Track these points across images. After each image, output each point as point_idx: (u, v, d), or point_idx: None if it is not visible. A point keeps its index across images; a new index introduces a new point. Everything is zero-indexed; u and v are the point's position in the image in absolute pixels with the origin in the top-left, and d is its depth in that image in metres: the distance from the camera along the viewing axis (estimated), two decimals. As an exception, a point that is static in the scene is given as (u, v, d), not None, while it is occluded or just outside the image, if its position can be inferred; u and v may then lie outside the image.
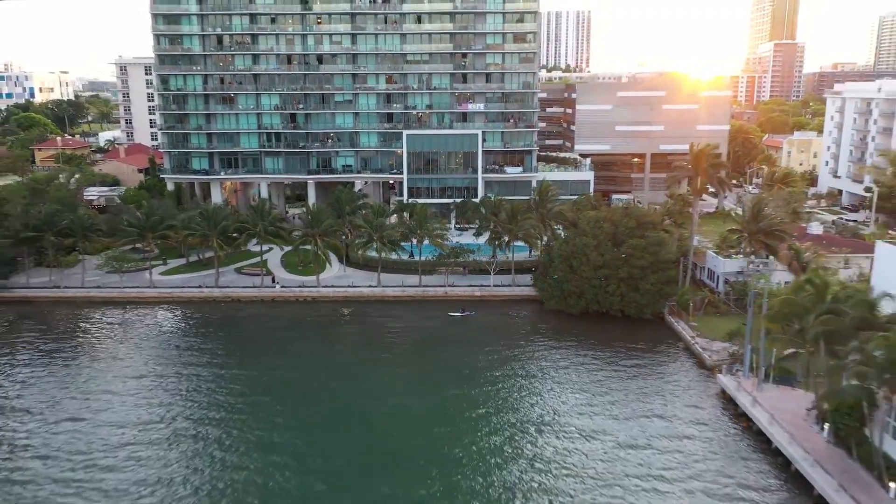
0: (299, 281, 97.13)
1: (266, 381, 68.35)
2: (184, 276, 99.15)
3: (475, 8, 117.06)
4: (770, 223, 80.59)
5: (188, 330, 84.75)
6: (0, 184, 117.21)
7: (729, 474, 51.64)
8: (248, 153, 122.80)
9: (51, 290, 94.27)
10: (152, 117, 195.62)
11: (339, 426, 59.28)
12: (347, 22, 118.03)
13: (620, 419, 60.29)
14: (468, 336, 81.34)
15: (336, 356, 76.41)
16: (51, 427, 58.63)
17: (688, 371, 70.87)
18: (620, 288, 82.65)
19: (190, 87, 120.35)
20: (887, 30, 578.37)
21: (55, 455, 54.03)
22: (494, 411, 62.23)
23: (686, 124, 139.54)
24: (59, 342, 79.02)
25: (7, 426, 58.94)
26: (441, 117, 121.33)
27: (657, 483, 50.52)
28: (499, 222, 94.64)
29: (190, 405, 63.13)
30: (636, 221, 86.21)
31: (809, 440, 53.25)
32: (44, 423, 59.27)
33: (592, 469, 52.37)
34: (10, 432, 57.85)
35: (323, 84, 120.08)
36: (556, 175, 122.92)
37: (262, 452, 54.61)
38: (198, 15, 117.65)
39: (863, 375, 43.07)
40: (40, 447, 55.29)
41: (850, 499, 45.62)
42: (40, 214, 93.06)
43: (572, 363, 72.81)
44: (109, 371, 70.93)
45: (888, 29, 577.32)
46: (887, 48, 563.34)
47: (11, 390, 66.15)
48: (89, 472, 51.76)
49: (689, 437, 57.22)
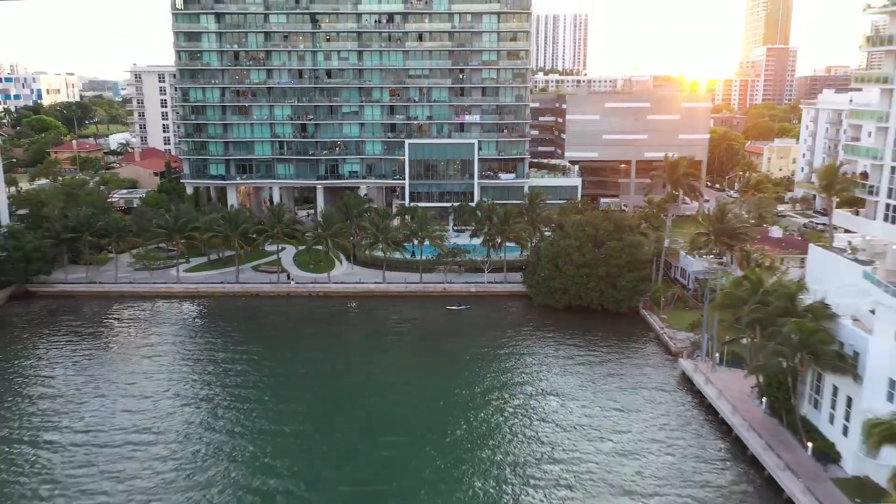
0: (312, 278, 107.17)
1: (284, 364, 78.50)
2: (206, 273, 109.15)
3: (472, 27, 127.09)
4: (732, 227, 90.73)
5: (212, 321, 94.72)
6: (34, 187, 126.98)
7: (679, 436, 61.96)
8: (261, 160, 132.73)
9: (87, 285, 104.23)
10: (165, 122, 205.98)
11: (350, 400, 69.40)
12: (354, 40, 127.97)
13: (595, 393, 70.70)
14: (464, 327, 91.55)
15: (346, 343, 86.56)
16: (86, 399, 68.76)
17: (656, 357, 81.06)
18: (600, 285, 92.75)
19: (208, 98, 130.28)
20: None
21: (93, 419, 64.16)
22: (487, 386, 72.47)
23: (668, 133, 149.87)
24: (97, 329, 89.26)
25: (51, 399, 69.01)
26: (440, 127, 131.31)
27: (620, 436, 61.53)
28: (492, 225, 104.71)
29: (218, 383, 73.26)
30: (615, 225, 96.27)
31: (749, 411, 63.44)
32: (81, 396, 69.35)
33: (568, 423, 63.55)
34: (53, 404, 67.93)
35: (331, 96, 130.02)
36: (546, 181, 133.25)
37: (287, 420, 64.66)
38: (216, 33, 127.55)
39: (779, 353, 53.21)
40: (78, 416, 65.35)
41: (776, 456, 55.74)
42: (79, 217, 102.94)
43: (556, 350, 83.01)
44: (141, 352, 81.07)
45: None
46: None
47: (56, 370, 76.18)
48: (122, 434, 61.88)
49: (651, 407, 67.53)
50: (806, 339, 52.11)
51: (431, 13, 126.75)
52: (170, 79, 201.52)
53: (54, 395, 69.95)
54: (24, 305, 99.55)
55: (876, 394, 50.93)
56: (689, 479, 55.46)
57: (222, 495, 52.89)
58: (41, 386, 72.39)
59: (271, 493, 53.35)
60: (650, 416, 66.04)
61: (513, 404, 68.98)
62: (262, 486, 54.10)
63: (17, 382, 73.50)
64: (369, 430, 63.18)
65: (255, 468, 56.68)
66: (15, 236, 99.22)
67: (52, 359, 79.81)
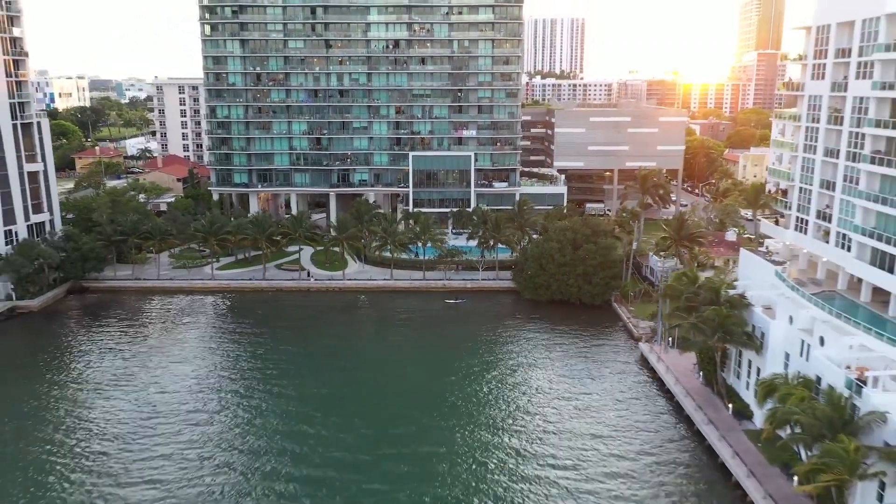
0: (328, 275, 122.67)
1: (308, 345, 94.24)
2: (236, 270, 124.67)
3: (469, 52, 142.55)
4: (690, 231, 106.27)
5: (244, 312, 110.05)
6: (81, 195, 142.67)
7: (634, 400, 77.64)
8: (280, 170, 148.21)
9: (133, 281, 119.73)
10: (185, 131, 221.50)
11: (364, 377, 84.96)
12: (364, 63, 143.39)
13: (569, 367, 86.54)
14: (461, 317, 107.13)
15: (360, 330, 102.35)
16: (139, 376, 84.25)
17: (622, 341, 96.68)
18: (578, 281, 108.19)
19: (233, 115, 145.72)
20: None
21: (141, 393, 79.80)
22: (480, 362, 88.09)
23: (648, 145, 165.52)
24: (145, 319, 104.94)
25: (106, 378, 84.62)
26: (440, 141, 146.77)
27: (588, 397, 77.75)
28: (486, 229, 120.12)
29: (253, 361, 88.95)
30: (591, 230, 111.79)
31: (689, 382, 79.01)
32: (133, 374, 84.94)
33: (545, 388, 79.68)
34: (107, 382, 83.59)
35: (343, 113, 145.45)
36: (535, 189, 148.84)
37: (314, 385, 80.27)
38: (241, 57, 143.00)
39: (702, 332, 68.80)
40: (132, 388, 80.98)
41: (703, 414, 71.33)
42: (126, 222, 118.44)
43: (539, 336, 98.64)
44: (184, 337, 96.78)
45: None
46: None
47: (114, 352, 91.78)
48: (174, 404, 77.47)
49: (614, 378, 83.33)
50: (721, 322, 67.70)
51: (433, 39, 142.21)
52: (189, 90, 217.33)
53: (112, 369, 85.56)
54: (79, 299, 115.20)
55: (775, 364, 66.42)
56: (640, 429, 71.23)
57: (271, 440, 68.41)
58: (95, 366, 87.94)
59: (308, 435, 69.10)
60: (612, 385, 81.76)
61: (501, 375, 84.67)
62: (301, 430, 69.80)
63: (80, 360, 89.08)
64: (381, 395, 78.83)
65: (293, 420, 72.21)
66: (73, 239, 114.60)
67: (107, 342, 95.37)
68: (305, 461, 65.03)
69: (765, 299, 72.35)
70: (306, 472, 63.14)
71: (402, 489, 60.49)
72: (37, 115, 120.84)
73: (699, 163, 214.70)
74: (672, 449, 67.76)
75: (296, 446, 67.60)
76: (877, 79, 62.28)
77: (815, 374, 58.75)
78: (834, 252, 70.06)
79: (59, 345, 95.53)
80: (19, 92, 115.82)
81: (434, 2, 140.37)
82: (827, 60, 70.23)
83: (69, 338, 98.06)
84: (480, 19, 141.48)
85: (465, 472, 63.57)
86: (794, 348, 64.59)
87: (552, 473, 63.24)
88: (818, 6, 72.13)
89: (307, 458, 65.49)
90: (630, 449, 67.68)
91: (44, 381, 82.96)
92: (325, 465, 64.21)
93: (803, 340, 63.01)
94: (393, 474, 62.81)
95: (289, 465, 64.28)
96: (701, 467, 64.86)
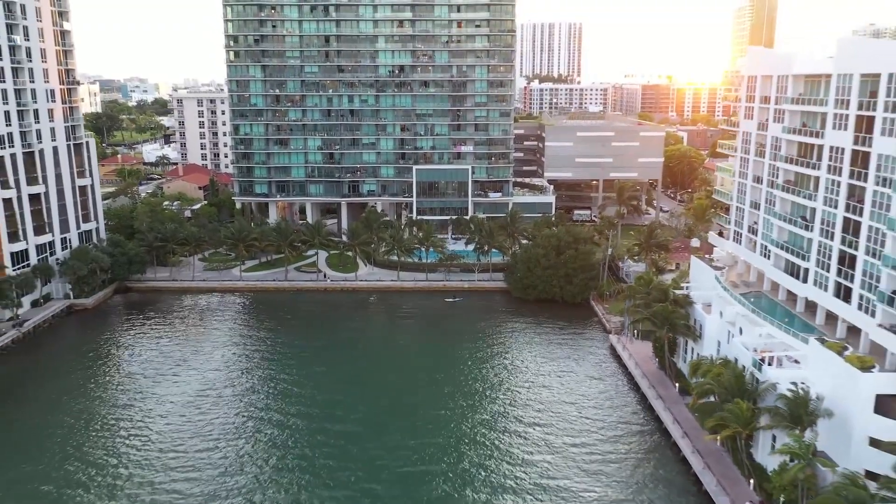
0: (342, 276, 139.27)
1: (325, 336, 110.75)
2: (261, 272, 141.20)
3: (467, 77, 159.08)
4: (657, 239, 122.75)
5: (268, 308, 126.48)
6: (119, 205, 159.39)
7: (601, 380, 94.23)
8: (296, 181, 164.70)
9: (170, 282, 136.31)
10: (203, 141, 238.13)
11: (374, 364, 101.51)
12: (372, 86, 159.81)
13: (550, 353, 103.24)
14: (459, 313, 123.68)
15: (371, 323, 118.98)
16: (177, 363, 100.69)
17: (596, 334, 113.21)
18: (560, 282, 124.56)
19: (255, 132, 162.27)
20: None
21: (179, 378, 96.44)
22: (474, 350, 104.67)
23: (629, 157, 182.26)
24: (184, 314, 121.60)
25: (155, 362, 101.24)
26: (441, 156, 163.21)
27: (566, 376, 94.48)
28: (482, 236, 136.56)
29: (277, 350, 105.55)
30: (573, 238, 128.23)
31: (646, 367, 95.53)
32: (173, 361, 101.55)
33: (530, 370, 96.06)
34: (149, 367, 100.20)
35: (353, 131, 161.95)
36: (526, 198, 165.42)
37: (333, 368, 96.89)
38: (262, 80, 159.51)
39: (652, 324, 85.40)
40: (172, 374, 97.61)
41: (654, 391, 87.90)
42: (165, 230, 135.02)
43: (526, 329, 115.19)
44: (217, 330, 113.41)
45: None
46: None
47: (158, 341, 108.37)
48: (206, 385, 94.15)
49: (587, 363, 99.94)
50: (667, 316, 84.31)
51: (434, 65, 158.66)
52: (207, 104, 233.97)
53: (159, 355, 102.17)
54: (125, 297, 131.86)
55: (710, 349, 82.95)
56: (605, 400, 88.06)
57: (310, 406, 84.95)
58: (145, 353, 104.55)
59: (337, 402, 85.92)
60: (586, 368, 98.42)
61: (492, 360, 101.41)
62: (332, 399, 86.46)
63: (131, 348, 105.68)
64: (392, 374, 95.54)
65: (326, 391, 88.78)
66: (119, 245, 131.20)
67: (153, 334, 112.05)
68: (338, 419, 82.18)
69: (705, 298, 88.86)
70: (339, 428, 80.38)
71: (413, 439, 77.26)
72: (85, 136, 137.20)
73: (682, 171, 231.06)
74: (628, 418, 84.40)
75: (330, 410, 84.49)
76: (786, 124, 78.80)
77: (734, 356, 75.29)
78: (759, 260, 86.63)
79: (113, 336, 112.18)
80: (72, 116, 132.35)
81: (435, 31, 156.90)
82: (754, 105, 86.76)
83: (120, 331, 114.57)
84: (477, 47, 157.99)
85: (464, 428, 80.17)
86: (723, 337, 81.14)
87: (535, 428, 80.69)
88: (748, 61, 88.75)
89: (339, 418, 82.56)
90: (597, 414, 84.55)
91: (103, 366, 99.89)
92: (352, 423, 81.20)
93: (728, 330, 79.58)
94: (405, 430, 79.53)
95: (328, 422, 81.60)
96: (650, 431, 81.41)
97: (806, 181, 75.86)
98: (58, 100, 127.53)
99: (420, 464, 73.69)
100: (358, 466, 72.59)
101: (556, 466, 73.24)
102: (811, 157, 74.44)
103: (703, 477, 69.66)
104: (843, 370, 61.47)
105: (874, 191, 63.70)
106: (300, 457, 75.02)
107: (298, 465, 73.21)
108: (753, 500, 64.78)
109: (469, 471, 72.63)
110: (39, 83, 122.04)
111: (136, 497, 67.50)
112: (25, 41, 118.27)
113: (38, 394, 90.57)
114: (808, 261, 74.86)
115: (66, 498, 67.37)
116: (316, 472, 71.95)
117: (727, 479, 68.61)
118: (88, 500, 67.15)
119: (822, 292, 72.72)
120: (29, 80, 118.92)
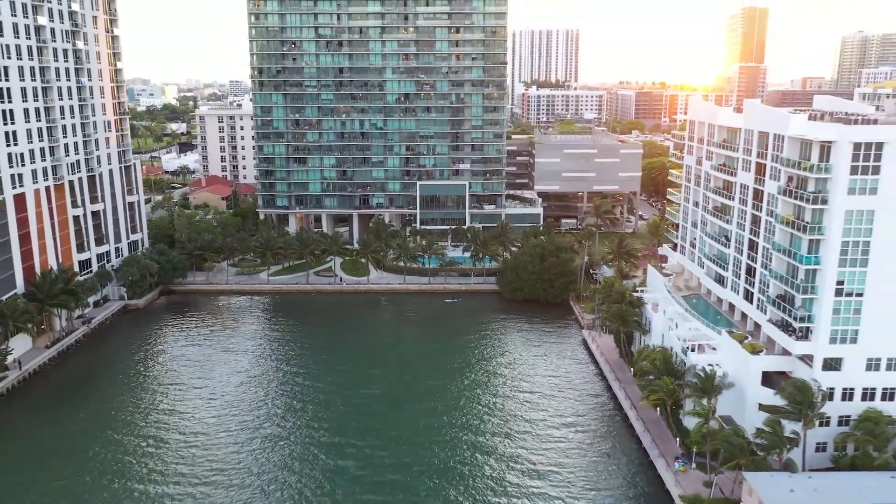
0: (356, 280, 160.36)
1: (342, 332, 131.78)
2: (285, 276, 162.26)
3: (464, 103, 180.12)
4: (627, 247, 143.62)
5: (292, 308, 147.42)
6: (157, 217, 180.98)
7: (574, 366, 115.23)
8: (313, 195, 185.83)
9: (207, 285, 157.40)
10: (223, 154, 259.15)
11: (386, 354, 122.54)
12: (381, 110, 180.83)
13: (533, 344, 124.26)
14: (457, 312, 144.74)
15: (380, 322, 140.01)
16: (214, 356, 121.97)
17: (573, 329, 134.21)
18: (544, 285, 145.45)
19: (277, 152, 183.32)
20: (848, 49, 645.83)
21: (214, 371, 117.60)
22: (469, 344, 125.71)
23: (611, 172, 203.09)
24: (219, 313, 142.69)
25: (199, 355, 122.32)
26: (442, 172, 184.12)
27: (545, 363, 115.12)
28: (477, 244, 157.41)
29: (300, 343, 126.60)
30: (555, 247, 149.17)
31: (610, 356, 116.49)
32: (210, 355, 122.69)
33: (515, 360, 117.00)
34: (191, 356, 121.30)
35: (364, 151, 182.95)
36: (517, 210, 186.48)
37: (348, 358, 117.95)
38: (283, 106, 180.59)
39: (610, 321, 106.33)
40: (209, 367, 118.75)
41: (614, 374, 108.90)
42: (203, 240, 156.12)
43: (514, 325, 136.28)
44: (249, 326, 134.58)
45: (849, 48, 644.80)
46: (848, 66, 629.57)
47: (199, 336, 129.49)
48: (237, 374, 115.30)
49: (563, 353, 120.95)
50: (622, 314, 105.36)
51: (436, 93, 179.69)
52: (227, 120, 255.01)
53: (202, 348, 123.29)
54: (169, 299, 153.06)
55: (655, 340, 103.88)
56: (576, 381, 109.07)
57: (329, 391, 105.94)
58: (190, 346, 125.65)
59: (346, 385, 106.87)
60: (561, 358, 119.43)
61: (485, 350, 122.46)
62: (350, 384, 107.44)
63: (178, 342, 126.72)
64: (399, 363, 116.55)
65: (344, 378, 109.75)
66: (164, 253, 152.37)
67: (196, 329, 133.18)
68: (352, 401, 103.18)
69: (655, 299, 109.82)
70: (354, 403, 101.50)
71: (420, 418, 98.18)
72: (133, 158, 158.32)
73: (662, 181, 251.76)
74: (593, 392, 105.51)
75: (346, 393, 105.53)
76: (713, 162, 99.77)
77: (670, 345, 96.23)
78: (697, 269, 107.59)
79: (164, 332, 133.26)
80: (122, 142, 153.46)
81: (437, 64, 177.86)
82: (693, 143, 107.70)
83: (169, 326, 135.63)
84: (474, 77, 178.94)
85: (461, 403, 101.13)
86: (665, 330, 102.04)
87: (520, 396, 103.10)
88: (690, 107, 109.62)
89: (354, 400, 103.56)
90: (569, 392, 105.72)
91: (157, 358, 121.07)
92: (367, 403, 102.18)
93: (668, 325, 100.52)
94: (414, 409, 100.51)
95: (354, 390, 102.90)
96: (607, 403, 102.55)
97: (726, 209, 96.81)
98: (112, 129, 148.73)
99: (428, 416, 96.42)
100: (381, 421, 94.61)
101: (535, 423, 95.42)
102: (729, 191, 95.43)
103: (643, 437, 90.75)
104: (740, 354, 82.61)
105: (766, 220, 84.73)
106: (340, 414, 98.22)
107: (338, 419, 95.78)
108: (678, 453, 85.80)
109: (471, 423, 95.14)
110: (99, 116, 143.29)
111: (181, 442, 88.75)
112: (89, 82, 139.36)
113: (116, 372, 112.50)
114: (727, 271, 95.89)
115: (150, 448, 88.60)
116: (343, 428, 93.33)
117: (660, 439, 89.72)
118: (168, 441, 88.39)
119: (736, 295, 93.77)
120: (91, 114, 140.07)
